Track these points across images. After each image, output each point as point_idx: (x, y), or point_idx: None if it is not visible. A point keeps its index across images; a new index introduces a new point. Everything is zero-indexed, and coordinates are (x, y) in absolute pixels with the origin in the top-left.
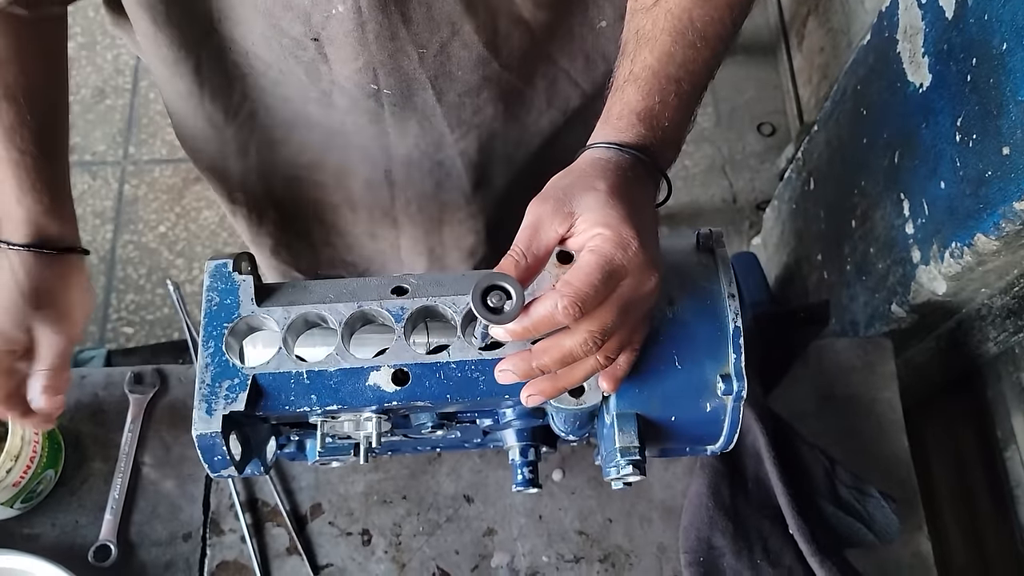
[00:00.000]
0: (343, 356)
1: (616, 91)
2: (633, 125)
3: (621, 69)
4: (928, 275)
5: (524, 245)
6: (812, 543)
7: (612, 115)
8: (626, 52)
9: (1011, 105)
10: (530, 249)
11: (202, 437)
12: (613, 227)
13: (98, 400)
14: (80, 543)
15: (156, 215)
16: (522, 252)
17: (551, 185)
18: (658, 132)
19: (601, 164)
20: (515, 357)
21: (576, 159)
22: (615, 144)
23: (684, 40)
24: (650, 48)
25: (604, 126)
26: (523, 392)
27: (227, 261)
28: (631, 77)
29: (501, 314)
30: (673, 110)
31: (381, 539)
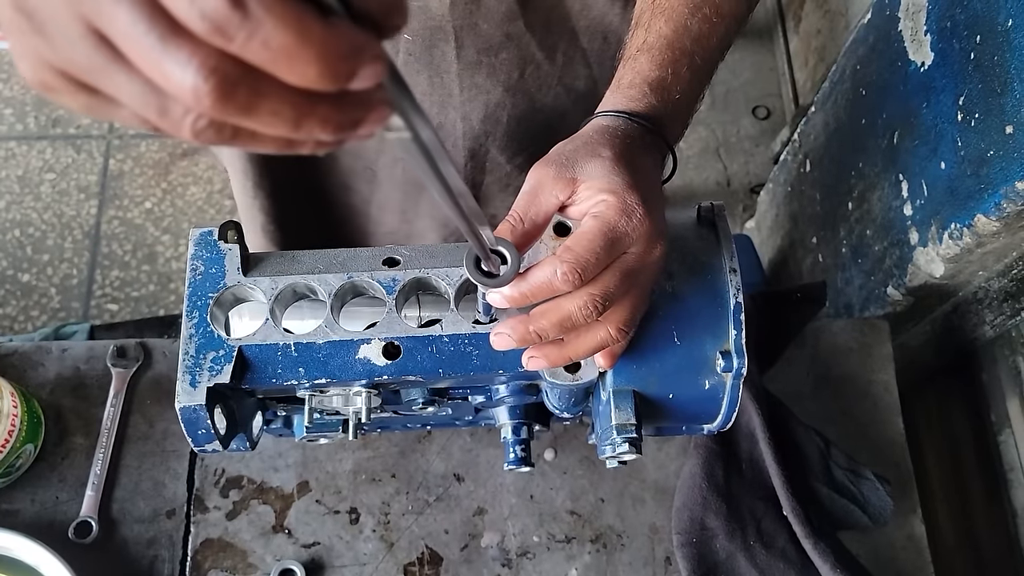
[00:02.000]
0: (332, 328)
1: (628, 60)
2: (645, 95)
3: (634, 38)
4: (926, 257)
5: (522, 210)
6: (806, 525)
7: (623, 83)
8: (640, 22)
9: (1015, 83)
10: (528, 214)
11: (185, 410)
12: (618, 194)
13: (80, 374)
14: (60, 519)
15: (142, 190)
16: (519, 217)
17: (555, 151)
18: (668, 104)
19: (609, 132)
20: (512, 320)
21: (582, 128)
22: (624, 112)
23: (700, 13)
24: (666, 18)
25: (614, 94)
26: (525, 354)
27: (212, 229)
28: (644, 47)
29: (495, 278)
30: (685, 83)
31: (369, 518)
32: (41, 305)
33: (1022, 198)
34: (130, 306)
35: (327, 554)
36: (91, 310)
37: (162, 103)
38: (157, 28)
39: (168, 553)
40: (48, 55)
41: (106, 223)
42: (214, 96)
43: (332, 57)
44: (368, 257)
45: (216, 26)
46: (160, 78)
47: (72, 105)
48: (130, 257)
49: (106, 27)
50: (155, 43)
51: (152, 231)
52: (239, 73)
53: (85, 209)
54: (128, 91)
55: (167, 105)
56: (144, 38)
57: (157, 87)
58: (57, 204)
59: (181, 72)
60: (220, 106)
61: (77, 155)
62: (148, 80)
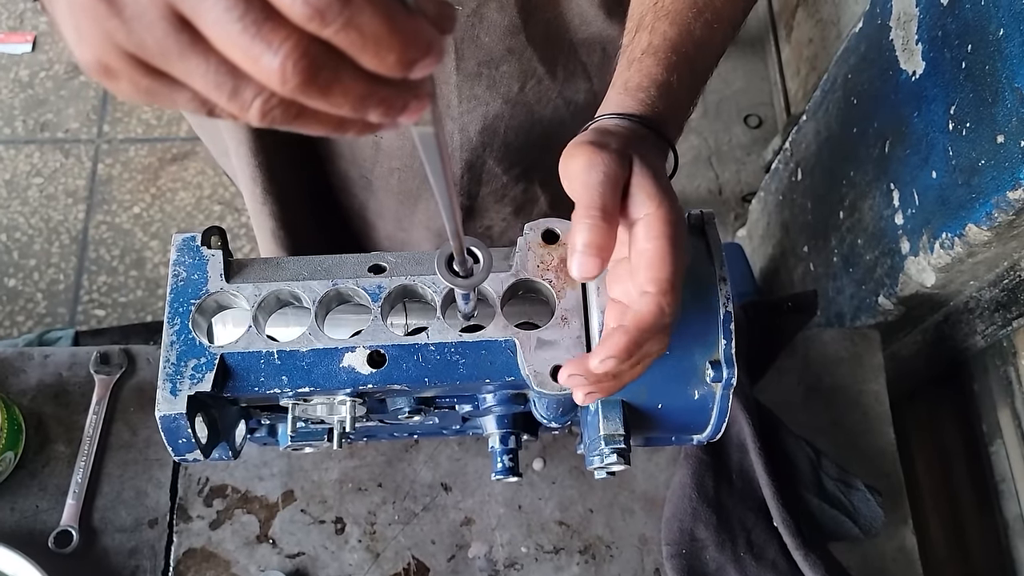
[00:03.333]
0: (316, 336)
1: (633, 62)
2: (652, 98)
3: (638, 41)
4: (917, 266)
5: (605, 204)
6: (797, 536)
7: (631, 85)
8: (643, 24)
9: (1007, 92)
10: (607, 209)
11: (165, 418)
12: (670, 199)
13: (62, 380)
14: (40, 528)
15: (130, 195)
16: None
17: (595, 138)
18: (671, 108)
19: (623, 134)
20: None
21: (588, 129)
22: (635, 116)
23: (702, 18)
24: (670, 21)
25: (622, 96)
26: (581, 391)
27: (195, 235)
28: (650, 49)
29: (466, 279)
30: (686, 87)
31: (355, 528)
32: (27, 310)
33: (1013, 208)
34: (117, 312)
35: (312, 564)
36: (78, 315)
37: (235, 85)
38: (251, 13)
39: (150, 563)
40: (120, 38)
41: (94, 228)
42: (299, 79)
43: (411, 46)
44: (354, 264)
45: (317, 12)
46: (246, 62)
47: (130, 89)
48: (118, 262)
49: (191, 12)
50: (247, 27)
51: (140, 236)
52: (325, 57)
53: (73, 214)
54: (201, 73)
55: (239, 87)
56: (236, 23)
57: (234, 69)
58: (44, 209)
59: (271, 56)
60: (302, 88)
61: (65, 159)
62: (225, 62)
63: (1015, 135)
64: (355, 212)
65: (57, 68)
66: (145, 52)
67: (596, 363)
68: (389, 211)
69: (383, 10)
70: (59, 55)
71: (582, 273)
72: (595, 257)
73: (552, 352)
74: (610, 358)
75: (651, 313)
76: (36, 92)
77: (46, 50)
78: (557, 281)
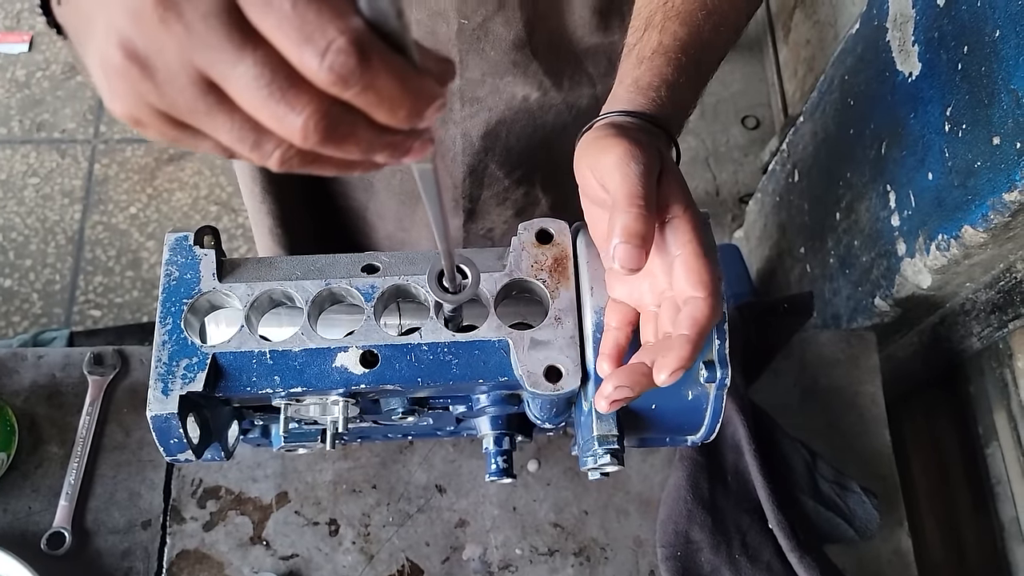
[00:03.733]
0: (309, 336)
1: (644, 60)
2: (663, 98)
3: (647, 39)
4: (913, 268)
5: (649, 194)
6: (792, 538)
7: (642, 84)
8: (653, 23)
9: (1003, 94)
10: (651, 200)
11: (157, 418)
12: (693, 203)
13: (55, 381)
14: (33, 530)
15: (127, 196)
16: (649, 202)
17: (622, 132)
18: (678, 108)
19: (636, 133)
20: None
21: (599, 124)
22: (646, 114)
23: (711, 21)
24: (681, 22)
25: (633, 94)
26: (610, 398)
27: (188, 234)
28: (660, 49)
29: (455, 294)
30: (691, 88)
31: (349, 529)
32: (23, 311)
33: (1009, 210)
34: (113, 312)
35: (306, 566)
36: (74, 316)
37: (258, 139)
38: (278, 80)
39: (143, 565)
40: (152, 99)
41: (90, 228)
42: (319, 136)
43: (420, 102)
44: (347, 264)
45: (340, 78)
46: (270, 121)
47: (157, 136)
48: (114, 263)
49: (220, 78)
50: (273, 93)
51: (137, 237)
52: (342, 114)
53: (69, 214)
54: (226, 129)
55: (262, 140)
56: (263, 89)
57: (257, 125)
58: (41, 209)
59: (295, 117)
60: (321, 143)
61: (62, 159)
62: (249, 119)
63: (1011, 137)
64: (355, 212)
65: (54, 68)
66: (175, 111)
67: (666, 376)
68: (390, 211)
69: (396, 72)
70: (56, 55)
71: (629, 264)
72: (641, 248)
73: (545, 352)
74: (680, 369)
75: (707, 317)
76: (32, 92)
77: (43, 50)
78: (551, 281)
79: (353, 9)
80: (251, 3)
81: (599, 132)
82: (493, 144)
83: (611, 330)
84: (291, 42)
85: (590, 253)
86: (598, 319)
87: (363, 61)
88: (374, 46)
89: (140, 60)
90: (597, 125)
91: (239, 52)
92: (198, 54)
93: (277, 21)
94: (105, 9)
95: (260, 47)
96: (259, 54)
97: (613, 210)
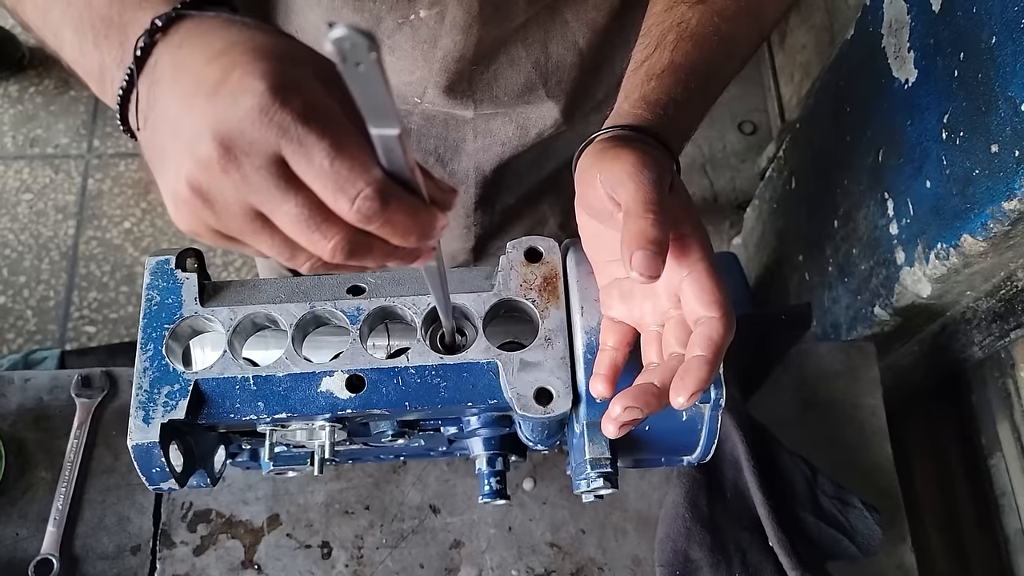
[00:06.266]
0: (293, 360)
1: (653, 77)
2: (670, 117)
3: (658, 57)
4: (912, 277)
5: (664, 202)
6: (792, 556)
7: (651, 100)
8: (665, 41)
9: (1000, 101)
10: (665, 208)
11: (138, 448)
12: (701, 223)
13: (43, 405)
14: (21, 557)
15: (121, 210)
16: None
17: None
18: (683, 130)
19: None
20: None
21: (605, 137)
22: (652, 131)
23: (723, 48)
24: (694, 43)
25: (641, 110)
26: (619, 420)
27: (169, 257)
28: (671, 68)
29: (456, 353)
30: (696, 113)
31: (342, 552)
32: (17, 328)
33: (1009, 218)
34: (108, 328)
35: None
36: (68, 332)
37: (293, 252)
38: (315, 216)
39: None
40: (210, 221)
41: (84, 244)
42: (343, 257)
43: (427, 231)
44: (332, 285)
45: (365, 217)
46: (306, 244)
47: (209, 244)
48: (108, 278)
49: (268, 211)
50: (310, 225)
51: (131, 251)
52: (363, 239)
53: (63, 229)
54: (267, 245)
55: (296, 254)
56: (302, 223)
57: (293, 243)
58: (34, 225)
59: (325, 242)
60: (344, 260)
61: (55, 175)
62: (288, 239)
63: (1009, 145)
64: None
65: (47, 83)
66: (228, 231)
67: (684, 399)
68: None
69: (409, 210)
70: (49, 71)
71: (648, 271)
72: (659, 255)
73: (535, 374)
74: (699, 391)
75: (723, 337)
76: (26, 107)
77: (35, 65)
78: (540, 300)
79: (375, 162)
80: (295, 159)
81: (606, 143)
82: (504, 174)
83: (607, 350)
84: (327, 191)
85: (580, 271)
86: (589, 340)
87: (383, 205)
88: (392, 192)
89: (203, 195)
90: (602, 138)
91: (284, 195)
92: (252, 195)
93: (316, 174)
94: (177, 151)
95: (301, 192)
96: (300, 197)
97: (627, 218)
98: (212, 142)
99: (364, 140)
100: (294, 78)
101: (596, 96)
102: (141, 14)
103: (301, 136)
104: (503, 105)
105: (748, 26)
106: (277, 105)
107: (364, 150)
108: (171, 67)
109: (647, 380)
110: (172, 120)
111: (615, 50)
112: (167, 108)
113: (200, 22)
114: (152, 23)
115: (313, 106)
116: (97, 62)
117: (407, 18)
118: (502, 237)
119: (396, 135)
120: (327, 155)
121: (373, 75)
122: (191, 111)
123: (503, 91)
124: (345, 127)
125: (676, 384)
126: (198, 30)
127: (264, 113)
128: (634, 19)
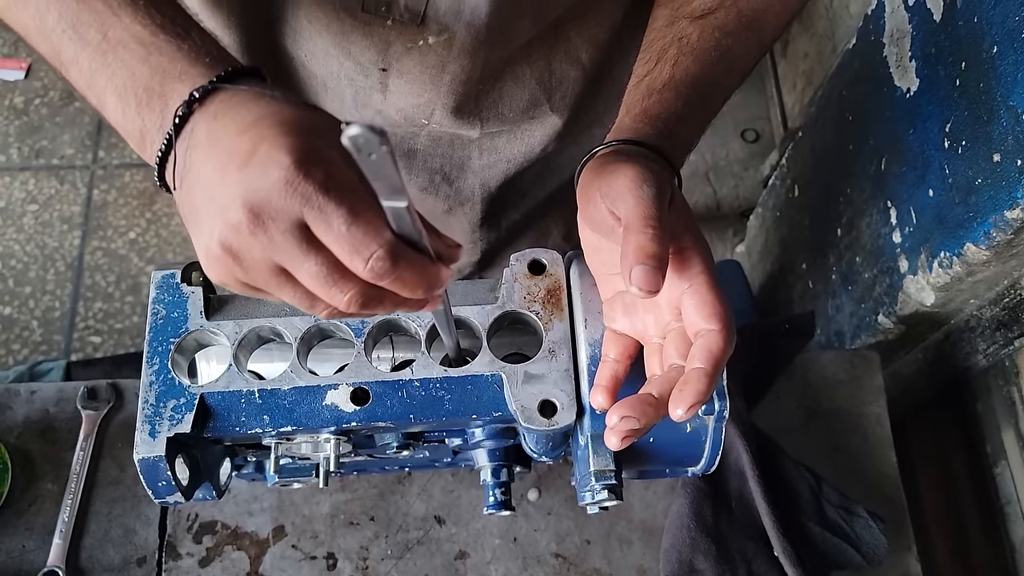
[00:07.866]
0: (298, 373)
1: (654, 92)
2: (670, 131)
3: (659, 72)
4: (916, 285)
5: (664, 217)
6: (798, 566)
7: (651, 115)
8: (666, 56)
9: (1002, 110)
10: (665, 223)
11: (144, 461)
12: (702, 236)
13: (49, 417)
14: (27, 569)
15: (126, 221)
16: (665, 224)
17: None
18: (683, 142)
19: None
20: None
21: (605, 152)
22: (653, 146)
23: (723, 63)
24: (695, 59)
25: (642, 125)
26: (616, 429)
27: (175, 272)
28: (672, 83)
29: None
30: (696, 128)
31: (347, 563)
32: (23, 338)
33: (1011, 227)
34: (113, 338)
35: None
36: (74, 343)
37: (312, 303)
38: (333, 274)
39: None
40: (239, 275)
41: (89, 254)
42: (357, 307)
43: (433, 284)
44: None
45: (377, 275)
46: (324, 297)
47: (237, 292)
48: (114, 288)
49: (291, 268)
50: (328, 281)
51: (136, 262)
52: (375, 292)
53: (68, 240)
54: (289, 296)
55: (315, 304)
56: (321, 279)
57: (312, 295)
58: (40, 235)
59: (341, 296)
60: (358, 311)
61: (60, 186)
62: (308, 292)
63: (1011, 154)
64: None
65: (52, 95)
66: (254, 284)
67: (683, 412)
68: None
69: (417, 267)
70: (53, 82)
71: (648, 286)
72: (659, 270)
73: (539, 386)
74: (698, 404)
75: (723, 350)
76: (31, 119)
77: (40, 76)
78: (544, 313)
79: (386, 225)
80: (316, 224)
81: (607, 158)
82: (510, 190)
83: (609, 362)
84: (344, 252)
85: (584, 283)
86: (593, 352)
87: (394, 264)
88: (401, 253)
89: (233, 254)
90: (603, 152)
91: (306, 255)
92: (277, 255)
93: (335, 237)
94: (211, 214)
95: (321, 252)
96: (320, 257)
97: (627, 232)
98: (243, 209)
99: (377, 205)
100: (316, 149)
101: (598, 108)
102: (180, 86)
103: (322, 204)
104: (508, 122)
105: (749, 41)
106: (301, 177)
107: (377, 215)
108: (206, 136)
109: (647, 392)
110: (207, 185)
111: (616, 64)
112: (202, 173)
113: (233, 95)
114: (190, 95)
115: (333, 176)
116: (139, 126)
117: (416, 44)
118: (507, 250)
119: (405, 207)
120: (344, 221)
121: (384, 162)
122: (224, 179)
123: (508, 109)
124: (360, 194)
125: (675, 396)
126: (231, 102)
127: (289, 184)
128: (635, 33)
